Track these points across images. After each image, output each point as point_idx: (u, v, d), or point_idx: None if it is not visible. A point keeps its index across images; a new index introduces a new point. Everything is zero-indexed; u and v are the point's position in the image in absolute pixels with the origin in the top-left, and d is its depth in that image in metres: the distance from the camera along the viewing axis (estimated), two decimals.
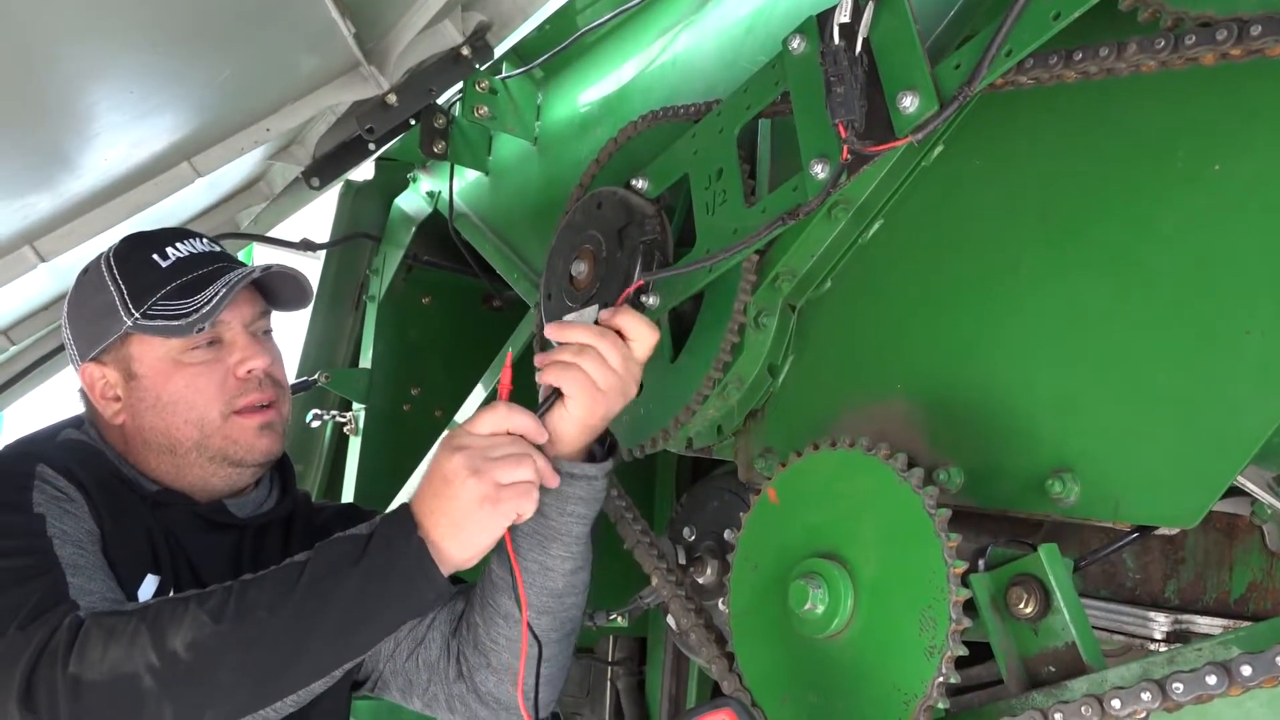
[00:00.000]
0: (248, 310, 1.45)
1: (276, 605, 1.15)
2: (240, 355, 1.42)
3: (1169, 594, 1.26)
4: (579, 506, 1.35)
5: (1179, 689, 0.92)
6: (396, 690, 1.52)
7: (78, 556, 1.24)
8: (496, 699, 1.43)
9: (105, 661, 1.10)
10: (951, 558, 1.11)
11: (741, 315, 1.46)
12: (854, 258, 1.43)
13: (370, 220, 2.67)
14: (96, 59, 1.35)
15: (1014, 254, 1.24)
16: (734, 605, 1.35)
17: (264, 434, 1.44)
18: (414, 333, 2.58)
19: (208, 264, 1.44)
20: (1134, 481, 1.09)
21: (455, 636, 1.46)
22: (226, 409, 1.41)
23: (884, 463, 1.20)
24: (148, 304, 1.39)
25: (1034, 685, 1.09)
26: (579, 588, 1.41)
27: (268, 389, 1.44)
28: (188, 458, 1.41)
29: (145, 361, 1.41)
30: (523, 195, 2.19)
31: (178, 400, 1.40)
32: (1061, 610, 1.07)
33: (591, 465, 1.34)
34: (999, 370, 1.23)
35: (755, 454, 1.52)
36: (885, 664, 1.15)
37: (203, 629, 1.13)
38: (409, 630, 1.49)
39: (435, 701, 1.49)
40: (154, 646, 1.11)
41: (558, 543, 1.35)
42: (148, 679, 1.10)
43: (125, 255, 1.45)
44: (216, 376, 1.41)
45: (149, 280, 1.40)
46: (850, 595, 1.19)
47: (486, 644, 1.41)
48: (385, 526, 1.21)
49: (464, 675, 1.44)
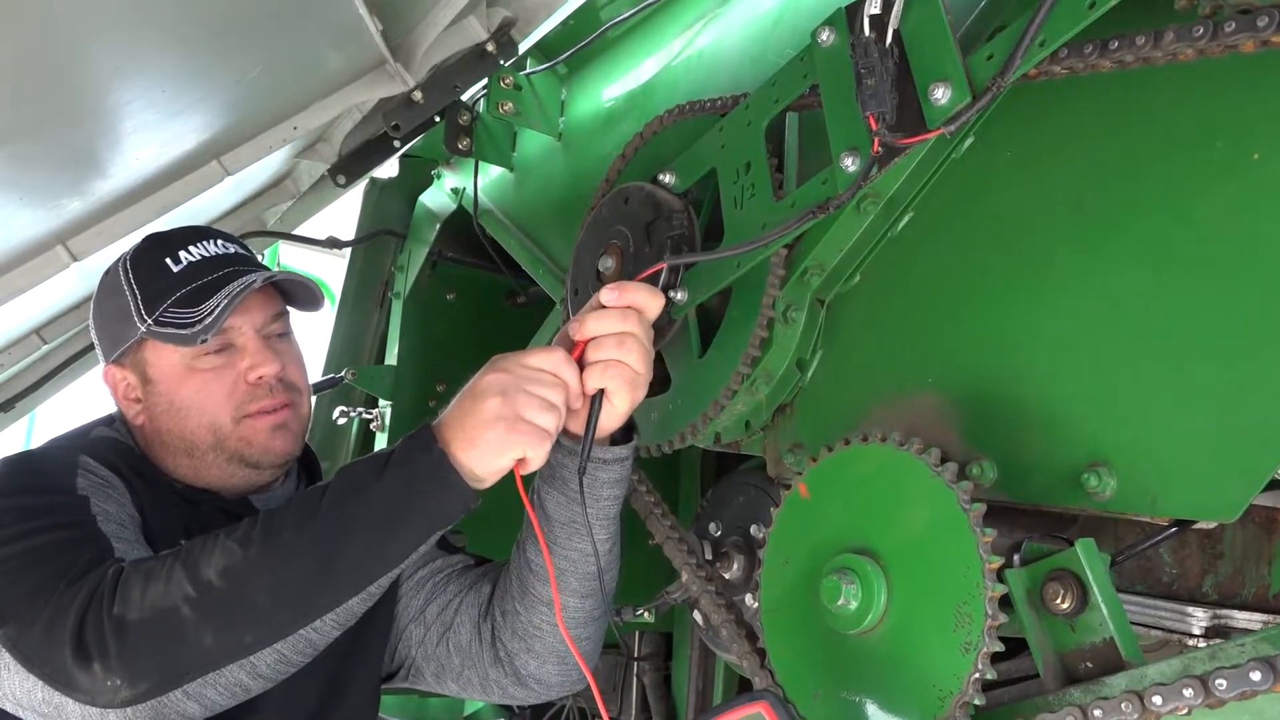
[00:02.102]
0: (259, 314, 1.44)
1: (302, 524, 1.17)
2: (251, 362, 1.42)
3: (1207, 589, 1.25)
4: (614, 489, 1.36)
5: (1222, 685, 0.91)
6: (430, 676, 1.53)
7: (121, 533, 1.27)
8: (538, 679, 1.45)
9: (146, 599, 1.13)
10: (987, 553, 1.10)
11: (770, 310, 1.46)
12: (883, 251, 1.42)
13: (395, 217, 2.68)
14: (130, 57, 1.36)
15: (1048, 246, 1.22)
16: (765, 601, 1.34)
17: (277, 435, 1.44)
18: (439, 329, 2.59)
19: (219, 268, 1.43)
20: (1172, 475, 1.08)
21: (488, 619, 1.47)
22: (238, 414, 1.41)
23: (917, 457, 1.19)
24: (158, 311, 1.39)
25: (1071, 681, 1.08)
26: (615, 563, 1.42)
27: (279, 394, 1.44)
28: (205, 459, 1.42)
29: (159, 367, 1.42)
30: (547, 191, 2.19)
31: (190, 405, 1.41)
32: (1099, 606, 1.06)
33: (621, 447, 1.35)
34: (1033, 363, 1.22)
35: (784, 449, 1.51)
36: (920, 660, 1.14)
37: (232, 556, 1.15)
38: (438, 615, 1.50)
39: (470, 685, 1.49)
40: (189, 579, 1.14)
41: (597, 527, 1.36)
42: (186, 609, 1.13)
43: (140, 259, 1.45)
44: (227, 383, 1.41)
45: (160, 286, 1.41)
46: (884, 591, 1.18)
47: (530, 631, 1.42)
48: (405, 441, 1.22)
49: (501, 660, 1.45)
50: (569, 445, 1.33)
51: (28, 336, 2.21)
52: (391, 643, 1.53)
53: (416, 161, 2.68)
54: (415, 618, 1.51)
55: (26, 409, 2.46)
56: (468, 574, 1.54)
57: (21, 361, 2.29)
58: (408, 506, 1.18)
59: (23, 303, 1.86)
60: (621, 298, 1.25)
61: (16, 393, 2.40)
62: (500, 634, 1.45)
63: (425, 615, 1.51)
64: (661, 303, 1.29)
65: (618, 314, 1.24)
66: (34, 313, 2.12)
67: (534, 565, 1.40)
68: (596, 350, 1.24)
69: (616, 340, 1.23)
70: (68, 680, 1.12)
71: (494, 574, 1.51)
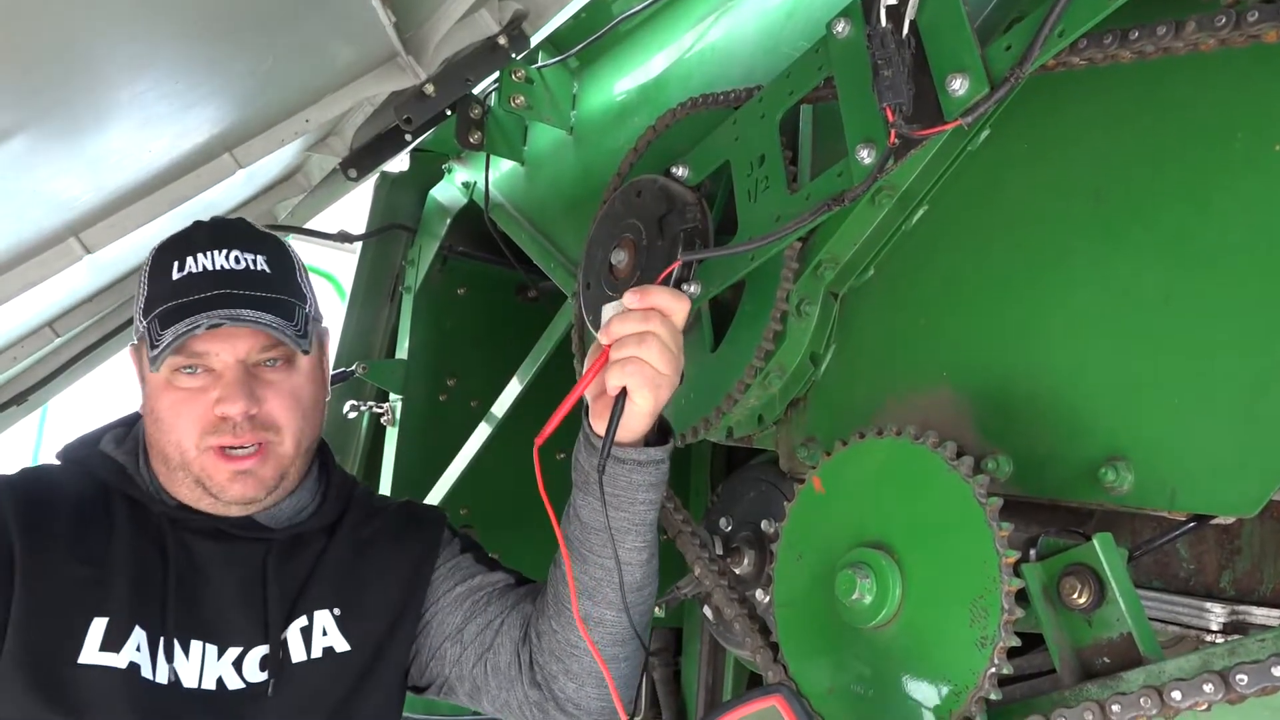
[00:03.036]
0: (245, 343, 1.36)
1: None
2: (220, 394, 1.35)
3: (1224, 584, 1.24)
4: (650, 493, 1.33)
5: (1243, 680, 0.90)
6: (464, 694, 1.49)
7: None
8: (577, 704, 1.40)
9: None
10: (1003, 547, 1.09)
11: (784, 303, 1.45)
12: (898, 245, 1.41)
13: (406, 212, 2.68)
14: (143, 49, 1.36)
15: (1065, 239, 1.21)
16: (778, 595, 1.33)
17: (238, 480, 1.37)
18: (450, 324, 2.59)
19: (207, 288, 1.35)
20: (1190, 469, 1.07)
21: (526, 642, 1.43)
22: (201, 444, 1.36)
23: (932, 451, 1.18)
24: (149, 317, 1.36)
25: (1088, 676, 1.07)
26: (653, 575, 1.39)
27: (245, 434, 1.36)
28: (175, 475, 1.39)
29: (147, 370, 1.40)
30: (559, 185, 2.18)
31: (163, 418, 1.38)
32: (1117, 600, 1.05)
33: (656, 449, 1.32)
34: (1049, 357, 1.21)
35: (797, 443, 1.51)
36: (935, 655, 1.14)
37: None
38: (476, 635, 1.46)
39: (507, 708, 1.46)
40: None
41: (632, 534, 1.33)
42: None
43: (160, 254, 1.42)
44: (197, 408, 1.35)
45: (157, 291, 1.38)
46: (898, 585, 1.18)
47: (567, 650, 1.38)
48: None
49: (540, 683, 1.41)
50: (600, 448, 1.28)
51: (40, 330, 2.21)
52: (424, 659, 1.49)
53: (428, 156, 2.68)
54: (452, 636, 1.47)
55: (39, 402, 2.47)
56: (509, 594, 1.49)
57: (33, 355, 2.29)
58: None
59: (35, 295, 1.86)
60: (644, 300, 1.24)
61: (28, 386, 2.40)
62: (538, 655, 1.41)
63: (463, 634, 1.47)
64: (686, 306, 1.27)
65: (639, 315, 1.23)
66: (46, 305, 2.12)
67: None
68: (618, 350, 1.23)
69: (637, 339, 1.22)
70: None
71: (535, 594, 1.47)
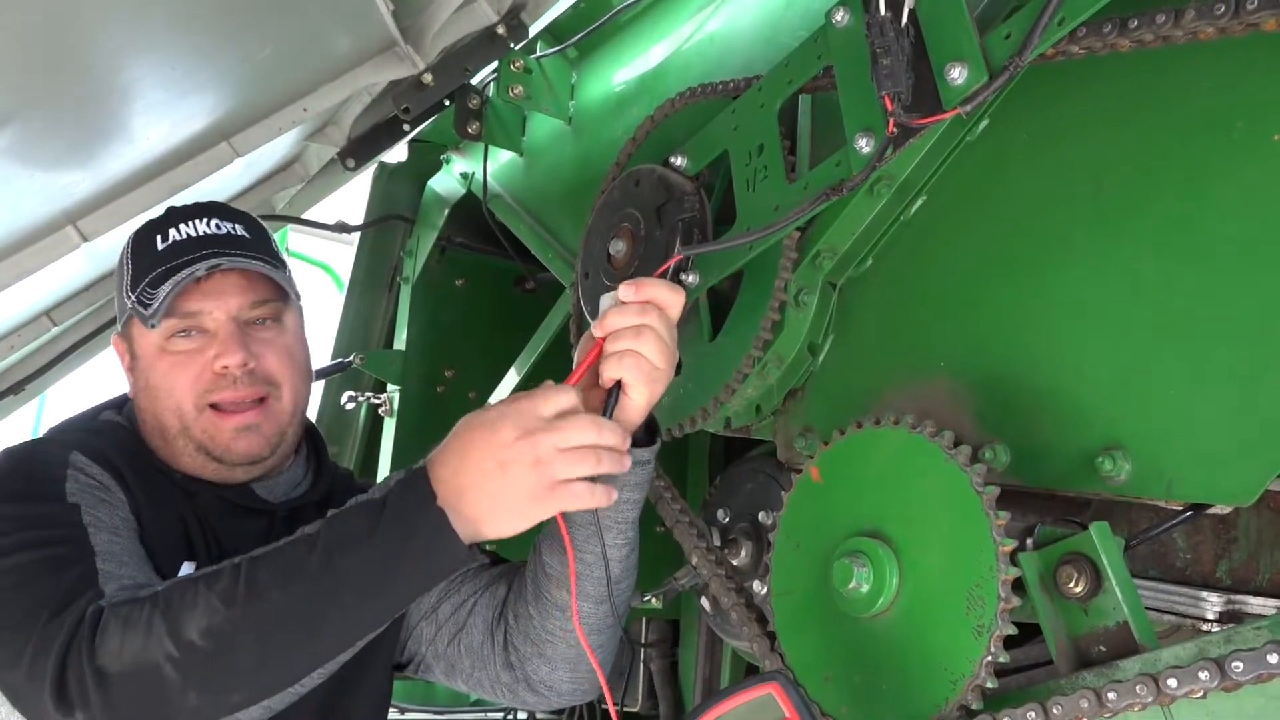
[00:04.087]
0: (236, 299, 1.37)
1: (289, 584, 1.11)
2: (217, 349, 1.36)
3: (1221, 574, 1.24)
4: (634, 493, 1.33)
5: (1239, 668, 0.90)
6: (440, 673, 1.51)
7: (113, 544, 1.24)
8: (549, 686, 1.42)
9: (125, 652, 1.10)
10: (1000, 535, 1.09)
11: (782, 293, 1.45)
12: (896, 235, 1.41)
13: (404, 202, 2.67)
14: (140, 35, 1.35)
15: (1064, 229, 1.21)
16: (776, 585, 1.34)
17: (242, 436, 1.38)
18: (448, 315, 2.59)
19: (194, 250, 1.37)
20: (1187, 458, 1.07)
21: (501, 622, 1.44)
22: (200, 402, 1.36)
23: (930, 440, 1.18)
24: (139, 289, 1.37)
25: (1084, 665, 1.07)
26: (632, 570, 1.39)
27: (244, 387, 1.37)
28: (175, 444, 1.39)
29: (140, 344, 1.41)
30: (557, 175, 2.18)
31: (159, 387, 1.38)
32: (1113, 589, 1.05)
33: (643, 450, 1.31)
34: (1047, 347, 1.21)
35: (795, 433, 1.51)
36: (932, 643, 1.14)
37: (215, 615, 1.11)
38: (450, 614, 1.48)
39: (480, 685, 1.47)
40: (170, 637, 1.10)
41: (613, 531, 1.33)
42: (168, 668, 1.09)
43: (142, 233, 1.43)
44: (194, 368, 1.36)
45: (144, 263, 1.38)
46: (895, 574, 1.18)
47: (543, 636, 1.39)
48: (401, 494, 1.14)
49: (513, 664, 1.42)
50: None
51: (37, 319, 2.21)
52: (402, 637, 1.51)
53: (426, 146, 2.67)
54: (427, 615, 1.49)
55: (36, 392, 2.46)
56: (483, 574, 1.50)
57: (31, 344, 2.29)
58: (400, 566, 1.12)
59: (32, 284, 1.86)
60: (640, 292, 1.21)
61: (26, 375, 2.40)
62: (513, 637, 1.42)
63: (438, 613, 1.48)
64: (682, 299, 1.25)
65: (636, 308, 1.21)
66: (44, 294, 2.12)
67: (549, 569, 1.37)
68: (614, 342, 1.20)
69: (634, 332, 1.20)
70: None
71: (510, 575, 1.48)
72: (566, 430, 1.10)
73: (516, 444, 1.09)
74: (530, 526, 1.13)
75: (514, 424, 1.10)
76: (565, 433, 1.10)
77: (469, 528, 1.11)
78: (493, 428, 1.11)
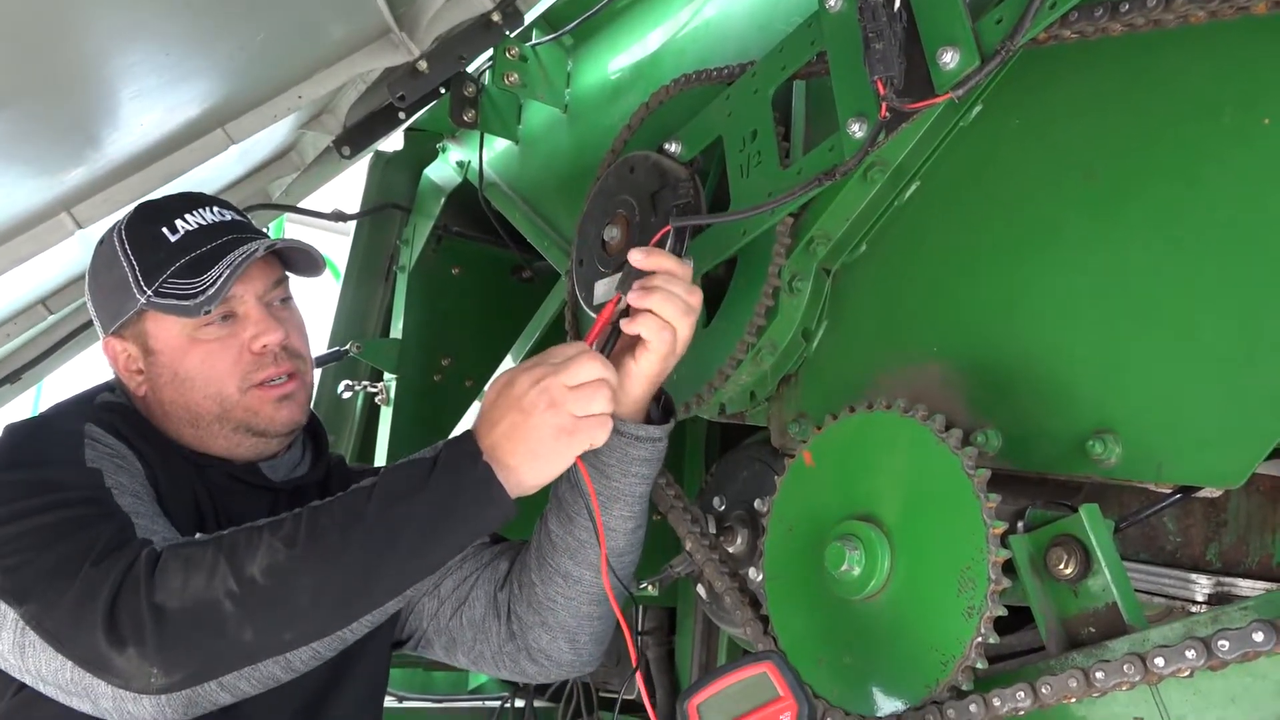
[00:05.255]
0: (260, 282, 1.42)
1: (348, 529, 1.16)
2: (254, 330, 1.40)
3: (1210, 557, 1.25)
4: (643, 468, 1.35)
5: (1225, 646, 0.91)
6: (440, 648, 1.53)
7: (137, 505, 1.26)
8: (549, 655, 1.45)
9: (187, 589, 1.13)
10: (991, 518, 1.10)
11: (776, 279, 1.45)
12: (890, 221, 1.41)
13: (400, 191, 2.68)
14: (133, 20, 1.35)
15: (1056, 214, 1.22)
16: (768, 568, 1.34)
17: (284, 405, 1.43)
18: (444, 303, 2.59)
19: (218, 236, 1.41)
20: (1177, 441, 1.08)
21: (504, 593, 1.47)
22: (244, 384, 1.40)
23: (921, 424, 1.19)
24: (158, 281, 1.37)
25: (1073, 646, 1.08)
26: (637, 545, 1.42)
27: (284, 362, 1.42)
28: (210, 429, 1.42)
29: (161, 338, 1.41)
30: (553, 163, 2.18)
31: (194, 376, 1.40)
32: (1103, 570, 1.06)
33: (656, 427, 1.35)
34: (1039, 331, 1.22)
35: (789, 419, 1.51)
36: (923, 625, 1.15)
37: (277, 554, 1.15)
38: (453, 590, 1.50)
39: (481, 659, 1.50)
40: (232, 574, 1.14)
41: (621, 503, 1.36)
42: (228, 604, 1.13)
43: (135, 228, 1.43)
44: (231, 353, 1.40)
45: (159, 256, 1.39)
46: (887, 557, 1.18)
47: (544, 603, 1.42)
48: (450, 450, 1.21)
49: (515, 635, 1.45)
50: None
51: (33, 307, 2.21)
52: (403, 614, 1.53)
53: (422, 135, 2.67)
54: (430, 591, 1.51)
55: (32, 380, 2.46)
56: (484, 552, 1.54)
57: (27, 332, 2.29)
58: (452, 515, 1.18)
59: (27, 272, 1.86)
60: (649, 259, 1.28)
61: (22, 364, 2.40)
62: (515, 606, 1.45)
63: (440, 589, 1.51)
64: (689, 270, 1.30)
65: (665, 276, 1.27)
66: (39, 283, 2.12)
67: (554, 537, 1.40)
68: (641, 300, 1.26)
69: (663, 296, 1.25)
70: (102, 663, 1.12)
71: (512, 552, 1.51)
72: (572, 369, 1.18)
73: (531, 391, 1.17)
74: (565, 466, 1.20)
75: (528, 376, 1.19)
76: (571, 371, 1.18)
77: (512, 478, 1.18)
78: (511, 384, 1.20)
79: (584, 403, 1.17)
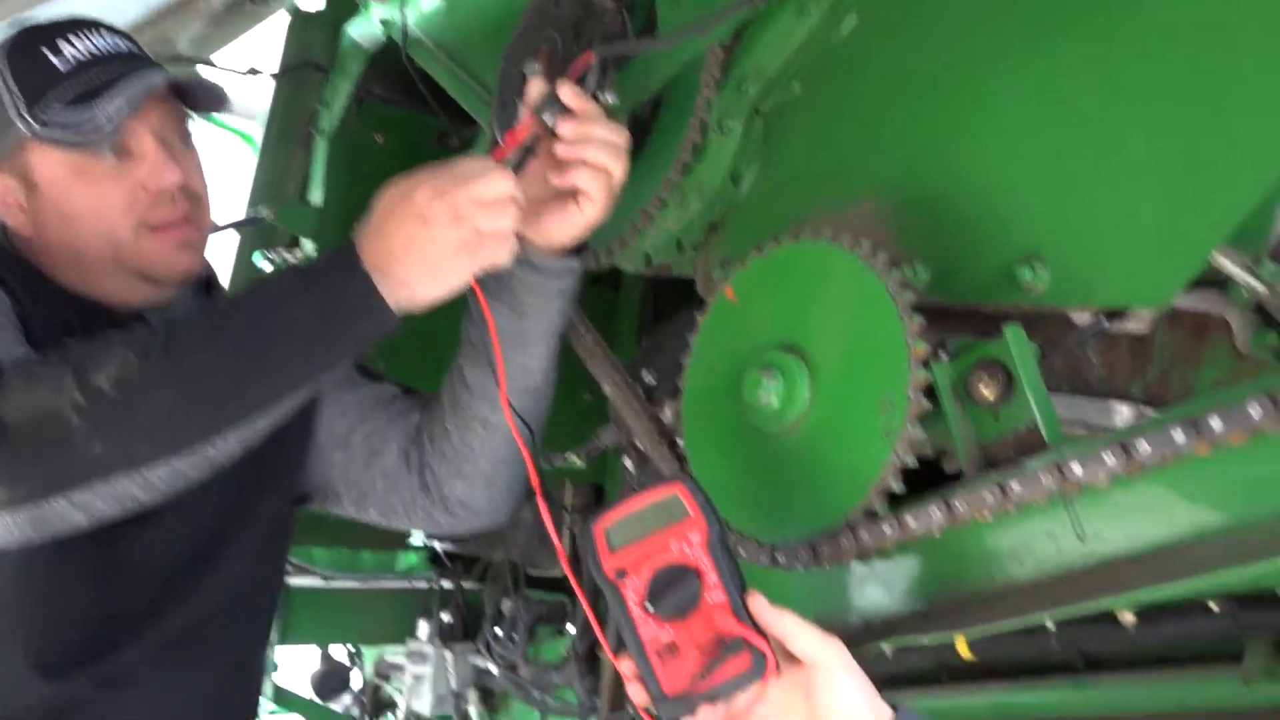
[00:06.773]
0: (158, 118, 1.32)
1: (212, 339, 1.10)
2: (151, 169, 1.30)
3: (1134, 391, 1.24)
4: (561, 301, 1.31)
5: (1145, 448, 0.89)
6: (350, 502, 1.49)
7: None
8: (465, 505, 1.41)
9: (28, 402, 1.07)
10: (914, 339, 1.06)
11: (704, 112, 1.39)
12: (825, 58, 1.35)
13: (321, 51, 2.52)
14: None
15: (995, 45, 1.17)
16: (687, 409, 1.31)
17: (182, 252, 1.34)
18: (367, 171, 2.47)
19: (112, 65, 1.30)
20: (1105, 264, 1.05)
21: (415, 446, 1.43)
22: (138, 225, 1.31)
23: (847, 251, 1.14)
24: (44, 111, 1.26)
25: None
26: (552, 383, 1.38)
27: (182, 203, 1.33)
28: (98, 272, 1.32)
29: (44, 172, 1.30)
30: (480, 12, 2.06)
31: (82, 215, 1.30)
32: (1025, 392, 1.03)
33: (573, 259, 1.29)
34: (970, 161, 1.17)
35: (714, 266, 1.46)
36: (841, 452, 1.12)
37: (129, 367, 1.08)
38: (363, 440, 1.45)
39: (393, 511, 1.46)
40: (78, 386, 1.07)
41: (540, 342, 1.32)
42: (74, 418, 1.06)
43: (16, 52, 1.31)
44: (124, 191, 1.30)
45: (44, 83, 1.28)
46: (806, 385, 1.15)
47: (461, 451, 1.37)
48: (327, 262, 1.14)
49: (429, 486, 1.41)
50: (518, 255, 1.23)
51: None
52: (310, 467, 1.47)
53: None
54: (340, 443, 1.46)
55: None
56: (396, 402, 1.49)
57: None
58: (329, 324, 1.10)
59: None
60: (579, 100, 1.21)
61: None
62: (429, 458, 1.41)
63: (351, 441, 1.46)
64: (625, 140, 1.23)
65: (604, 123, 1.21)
66: None
67: (469, 381, 1.35)
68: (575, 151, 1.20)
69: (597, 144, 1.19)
70: None
71: (423, 402, 1.47)
72: (481, 182, 1.10)
73: (434, 203, 1.09)
74: (463, 283, 1.13)
75: (430, 185, 1.10)
76: (479, 184, 1.10)
77: (402, 291, 1.10)
78: (408, 193, 1.11)
79: (490, 218, 1.10)
